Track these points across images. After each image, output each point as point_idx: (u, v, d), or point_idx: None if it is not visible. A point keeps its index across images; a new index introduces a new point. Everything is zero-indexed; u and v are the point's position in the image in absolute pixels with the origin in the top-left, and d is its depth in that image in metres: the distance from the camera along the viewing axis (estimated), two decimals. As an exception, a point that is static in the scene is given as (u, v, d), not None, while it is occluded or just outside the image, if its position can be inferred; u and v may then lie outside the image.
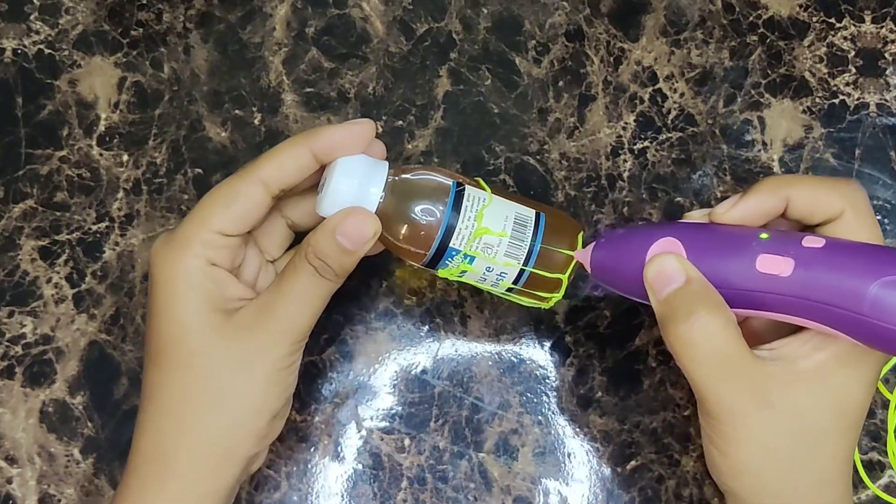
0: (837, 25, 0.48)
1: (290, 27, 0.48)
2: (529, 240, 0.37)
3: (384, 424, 0.43)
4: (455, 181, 0.37)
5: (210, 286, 0.35)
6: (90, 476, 0.42)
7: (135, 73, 0.47)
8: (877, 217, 0.45)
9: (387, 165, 0.37)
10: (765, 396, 0.32)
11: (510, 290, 0.39)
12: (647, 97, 0.47)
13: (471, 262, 0.37)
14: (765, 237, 0.33)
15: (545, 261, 0.38)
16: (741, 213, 0.35)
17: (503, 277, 0.38)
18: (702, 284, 0.33)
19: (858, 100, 0.47)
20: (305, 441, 0.42)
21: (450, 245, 0.36)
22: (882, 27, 0.48)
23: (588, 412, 0.43)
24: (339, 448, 0.43)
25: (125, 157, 0.46)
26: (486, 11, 0.48)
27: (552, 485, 0.42)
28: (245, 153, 0.46)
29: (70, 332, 0.44)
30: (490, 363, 0.44)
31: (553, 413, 0.43)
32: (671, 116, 0.47)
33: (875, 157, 0.46)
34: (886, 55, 0.47)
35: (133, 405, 0.43)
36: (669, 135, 0.46)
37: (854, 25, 0.48)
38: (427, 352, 0.44)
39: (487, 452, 0.43)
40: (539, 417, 0.43)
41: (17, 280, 0.44)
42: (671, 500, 0.42)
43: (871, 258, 0.30)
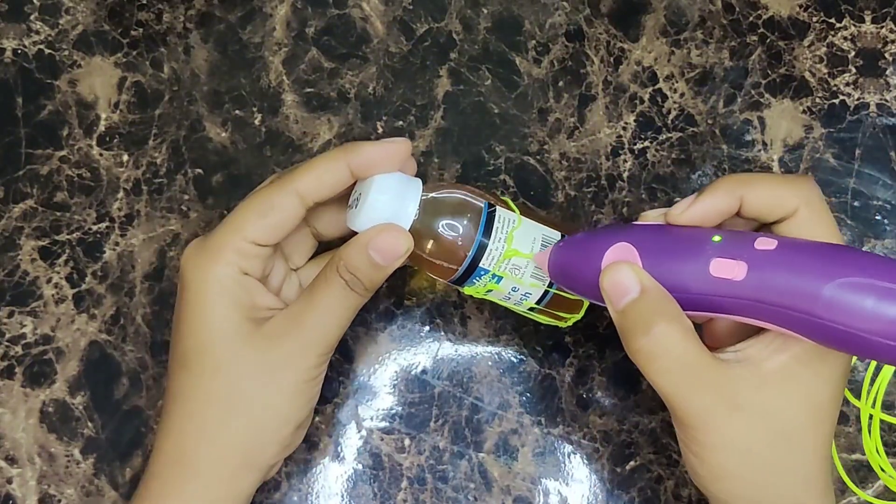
0: (837, 25, 0.48)
1: (290, 27, 0.48)
2: (533, 302, 0.38)
3: (384, 424, 0.43)
4: (486, 202, 0.37)
5: (241, 294, 0.36)
6: (90, 476, 0.42)
7: (135, 73, 0.47)
8: (877, 217, 0.45)
9: (420, 183, 0.37)
10: (733, 400, 0.32)
11: (532, 310, 0.40)
12: (647, 97, 0.47)
13: (498, 282, 0.38)
14: (717, 240, 0.32)
15: None
16: (697, 214, 0.34)
17: (527, 297, 0.39)
18: (657, 294, 0.33)
19: (858, 100, 0.47)
20: (305, 441, 0.42)
21: (479, 265, 0.37)
22: (882, 27, 0.48)
23: (588, 412, 0.43)
24: (339, 448, 0.43)
25: (125, 157, 0.46)
26: (486, 11, 0.48)
27: (552, 485, 0.42)
28: (245, 153, 0.46)
29: (70, 333, 0.44)
30: (490, 363, 0.44)
31: (553, 413, 0.43)
32: (671, 116, 0.47)
33: (875, 157, 0.46)
34: (886, 55, 0.47)
35: (133, 405, 0.43)
36: (669, 135, 0.46)
37: (854, 25, 0.48)
38: (427, 352, 0.44)
39: (487, 452, 0.43)
40: (539, 417, 0.43)
41: (17, 280, 0.44)
42: (670, 500, 0.42)
43: (824, 260, 0.30)
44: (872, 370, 0.43)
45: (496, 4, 0.48)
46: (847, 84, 0.47)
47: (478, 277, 0.37)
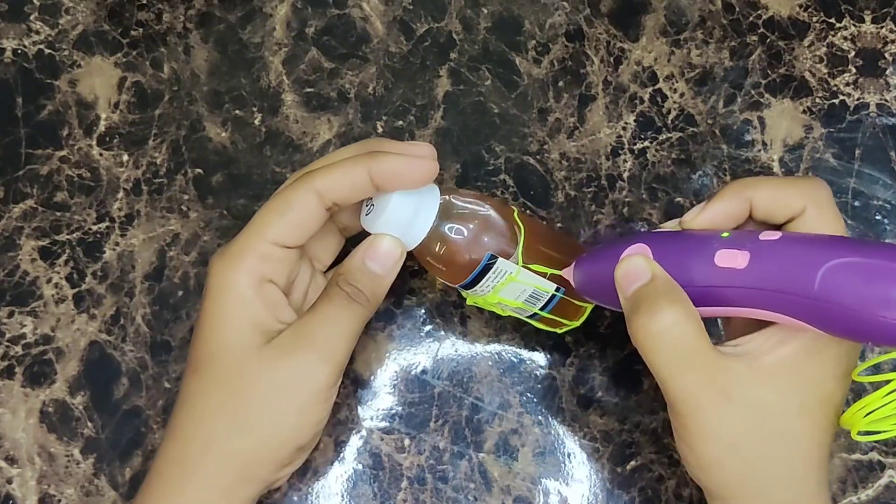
0: (837, 25, 0.48)
1: (290, 27, 0.48)
2: (538, 308, 0.39)
3: (384, 424, 0.43)
4: (489, 252, 0.37)
5: (258, 305, 0.36)
6: (90, 476, 0.42)
7: (135, 73, 0.47)
8: (877, 217, 0.45)
9: (438, 190, 0.37)
10: (725, 390, 0.33)
11: (532, 316, 0.40)
12: (647, 97, 0.47)
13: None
14: (725, 235, 0.34)
15: (561, 310, 0.40)
16: (708, 218, 0.35)
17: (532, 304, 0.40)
18: (666, 281, 0.34)
19: (858, 100, 0.47)
20: (305, 441, 0.42)
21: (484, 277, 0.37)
22: (882, 27, 0.48)
23: (588, 412, 0.43)
24: (339, 448, 0.43)
25: (125, 157, 0.46)
26: (486, 11, 0.48)
27: (552, 485, 0.42)
28: (245, 153, 0.46)
29: (70, 333, 0.44)
30: (490, 363, 0.44)
31: (553, 413, 0.43)
32: (671, 116, 0.47)
33: (875, 157, 0.46)
34: (886, 55, 0.47)
35: (133, 405, 0.43)
36: (669, 135, 0.46)
37: (854, 25, 0.48)
38: (427, 352, 0.44)
39: (487, 452, 0.43)
40: (539, 417, 0.43)
41: (17, 280, 0.44)
42: (671, 500, 0.42)
43: (821, 245, 0.31)
44: None
45: (496, 4, 0.48)
46: (847, 84, 0.47)
47: (484, 285, 0.38)
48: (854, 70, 0.47)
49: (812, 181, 0.35)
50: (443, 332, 0.44)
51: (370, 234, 0.37)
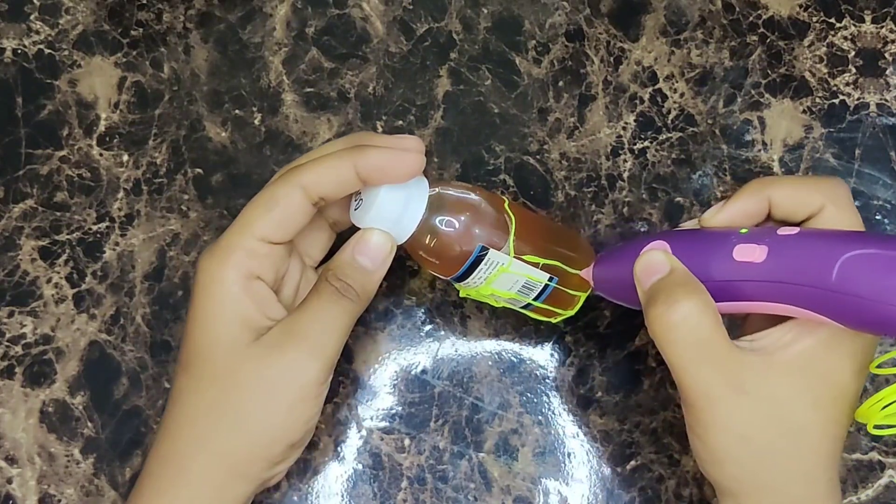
0: (837, 25, 0.48)
1: (290, 27, 0.48)
2: (531, 299, 0.39)
3: (384, 424, 0.43)
4: (480, 245, 0.37)
5: (246, 302, 0.35)
6: (90, 476, 0.42)
7: (135, 73, 0.47)
8: (877, 217, 0.45)
9: (427, 183, 0.37)
10: (740, 383, 0.33)
11: (527, 307, 0.40)
12: (647, 97, 0.47)
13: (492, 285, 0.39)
14: (744, 231, 0.34)
15: (554, 299, 0.40)
16: (728, 216, 0.36)
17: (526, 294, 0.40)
18: (684, 273, 0.34)
19: (858, 100, 0.47)
20: (305, 441, 0.42)
21: (477, 268, 0.37)
22: (882, 27, 0.48)
23: (588, 412, 0.43)
24: (339, 448, 0.43)
25: (125, 157, 0.46)
26: (486, 11, 0.48)
27: (552, 485, 0.42)
28: (245, 153, 0.46)
29: (70, 332, 0.44)
30: (490, 363, 0.44)
31: (553, 413, 0.43)
32: (671, 116, 0.47)
33: (875, 157, 0.46)
34: (886, 55, 0.47)
35: (133, 405, 0.43)
36: (669, 135, 0.46)
37: (854, 25, 0.48)
38: (427, 352, 0.44)
39: (487, 452, 0.43)
40: (539, 417, 0.43)
41: (17, 280, 0.44)
42: (671, 500, 0.42)
43: (839, 238, 0.31)
44: None
45: (496, 4, 0.48)
46: (847, 84, 0.47)
47: (475, 276, 0.38)
48: (854, 70, 0.47)
49: (831, 180, 0.36)
50: (443, 332, 0.44)
51: (359, 229, 0.37)
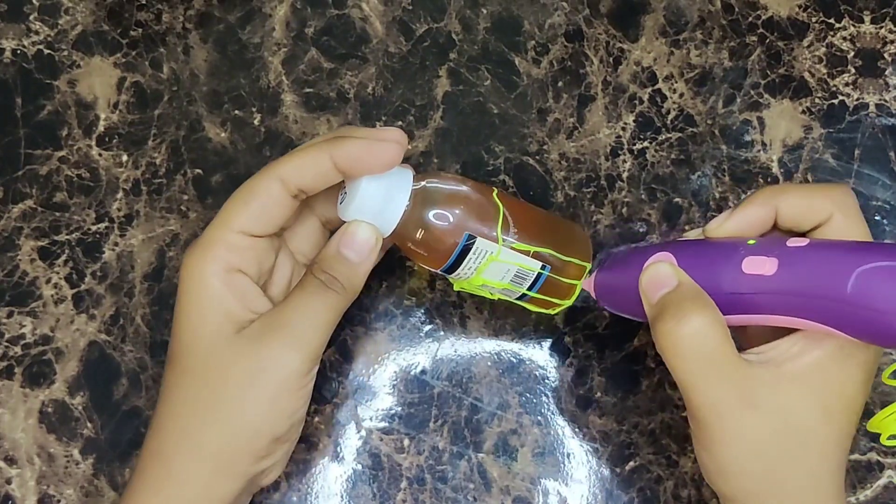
0: (837, 26, 0.48)
1: (290, 27, 0.48)
2: (525, 289, 0.39)
3: (384, 425, 0.43)
4: (468, 233, 0.37)
5: (227, 295, 0.35)
6: (90, 476, 0.42)
7: (134, 74, 0.47)
8: (876, 217, 0.45)
9: (411, 173, 0.37)
10: (749, 397, 0.33)
11: (522, 297, 0.40)
12: (647, 97, 0.47)
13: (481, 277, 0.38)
14: (752, 242, 0.33)
15: (549, 288, 0.39)
16: (733, 226, 0.35)
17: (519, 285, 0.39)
18: (692, 287, 0.34)
19: (858, 100, 0.47)
20: (305, 441, 0.42)
21: (466, 258, 0.37)
22: (881, 27, 0.48)
23: (587, 412, 0.43)
24: (339, 448, 0.43)
25: (125, 158, 0.46)
26: (486, 11, 0.48)
27: (551, 485, 0.42)
28: (245, 153, 0.46)
29: (70, 333, 0.44)
30: (489, 363, 0.44)
31: (552, 413, 0.43)
32: (670, 117, 0.47)
33: (875, 158, 0.46)
34: (886, 55, 0.47)
35: (133, 405, 0.43)
36: (669, 135, 0.46)
37: (853, 26, 0.48)
38: (426, 352, 0.44)
39: (487, 453, 0.43)
40: (538, 418, 0.43)
41: (17, 280, 0.44)
42: (669, 501, 0.42)
43: (852, 250, 0.31)
44: None
45: (496, 4, 0.48)
46: (846, 84, 0.47)
47: (465, 267, 0.38)
48: (853, 70, 0.47)
49: (839, 188, 0.35)
50: (442, 333, 0.44)
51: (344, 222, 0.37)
